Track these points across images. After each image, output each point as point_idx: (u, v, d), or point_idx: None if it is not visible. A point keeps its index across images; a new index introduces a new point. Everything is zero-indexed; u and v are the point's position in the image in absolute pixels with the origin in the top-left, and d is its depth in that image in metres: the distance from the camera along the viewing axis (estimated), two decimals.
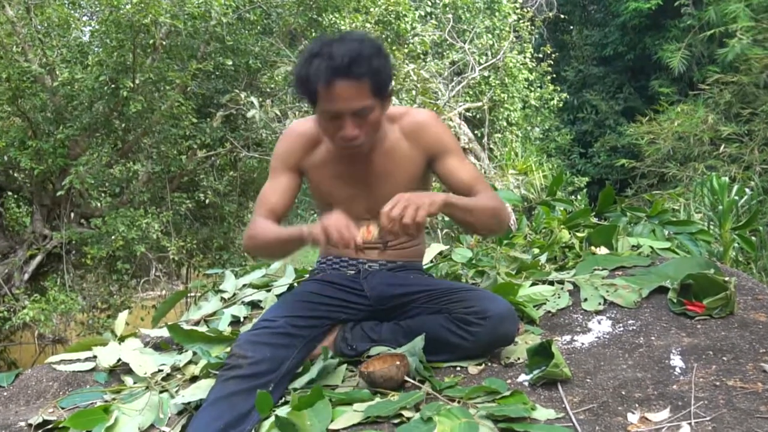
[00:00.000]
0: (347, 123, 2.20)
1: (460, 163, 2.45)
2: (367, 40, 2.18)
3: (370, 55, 2.13)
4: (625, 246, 3.37)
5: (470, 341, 2.26)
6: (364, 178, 2.43)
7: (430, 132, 2.44)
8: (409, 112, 2.49)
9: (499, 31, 11.79)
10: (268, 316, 2.32)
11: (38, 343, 8.70)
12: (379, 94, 2.21)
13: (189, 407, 2.16)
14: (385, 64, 2.19)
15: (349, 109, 2.17)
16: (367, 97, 2.17)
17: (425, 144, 2.44)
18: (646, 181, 11.94)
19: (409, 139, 2.44)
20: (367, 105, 2.18)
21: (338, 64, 2.08)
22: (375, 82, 2.16)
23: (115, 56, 7.55)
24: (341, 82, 2.11)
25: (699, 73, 12.97)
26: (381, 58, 2.17)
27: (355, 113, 2.19)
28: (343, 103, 2.16)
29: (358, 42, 2.14)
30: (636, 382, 1.99)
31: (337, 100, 2.15)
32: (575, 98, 15.65)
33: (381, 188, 2.42)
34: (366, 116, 2.21)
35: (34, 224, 8.53)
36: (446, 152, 2.45)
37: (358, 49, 2.11)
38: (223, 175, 9.92)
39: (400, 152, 2.44)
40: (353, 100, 2.15)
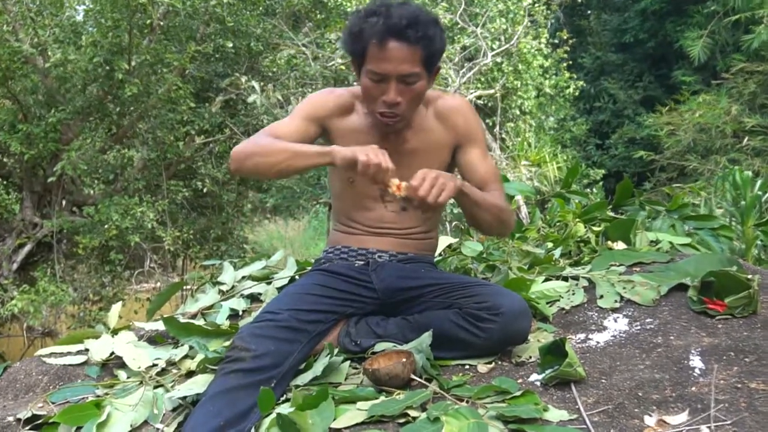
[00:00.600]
0: (392, 87, 2.27)
1: (483, 157, 2.52)
2: (427, 10, 2.27)
3: (427, 23, 2.20)
4: (643, 241, 3.36)
5: (481, 338, 2.25)
6: (393, 155, 2.37)
7: (462, 118, 2.51)
8: (444, 97, 2.55)
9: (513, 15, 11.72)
10: (272, 308, 2.32)
11: (27, 336, 8.72)
12: (429, 65, 2.27)
13: (185, 403, 2.16)
14: (441, 37, 2.27)
15: (397, 71, 2.23)
16: (416, 64, 2.24)
17: (456, 129, 2.50)
18: (665, 174, 11.90)
19: (442, 122, 2.50)
20: (416, 72, 2.25)
21: (395, 23, 2.16)
22: (427, 51, 2.23)
23: (110, 37, 7.55)
24: (395, 43, 2.19)
25: (723, 61, 12.91)
26: (437, 29, 2.25)
27: (402, 78, 2.25)
28: (393, 65, 2.22)
29: (418, 8, 2.22)
30: (653, 384, 1.99)
31: (387, 60, 2.22)
32: (592, 86, 15.59)
33: (408, 167, 2.36)
34: (412, 84, 2.27)
35: (24, 212, 8.54)
36: (473, 142, 2.52)
37: (417, 14, 2.19)
38: (221, 163, 9.92)
39: (431, 134, 2.50)
40: (403, 63, 2.22)
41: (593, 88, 15.61)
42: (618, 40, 15.79)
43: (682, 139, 11.29)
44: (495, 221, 2.42)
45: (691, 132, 11.18)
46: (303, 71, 9.19)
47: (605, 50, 16.16)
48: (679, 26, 13.99)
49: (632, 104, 14.98)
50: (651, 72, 15.48)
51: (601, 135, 15.44)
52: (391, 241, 2.60)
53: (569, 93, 12.90)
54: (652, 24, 14.89)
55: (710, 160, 10.66)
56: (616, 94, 15.16)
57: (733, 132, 10.72)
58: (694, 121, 11.17)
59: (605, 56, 15.99)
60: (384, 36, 2.18)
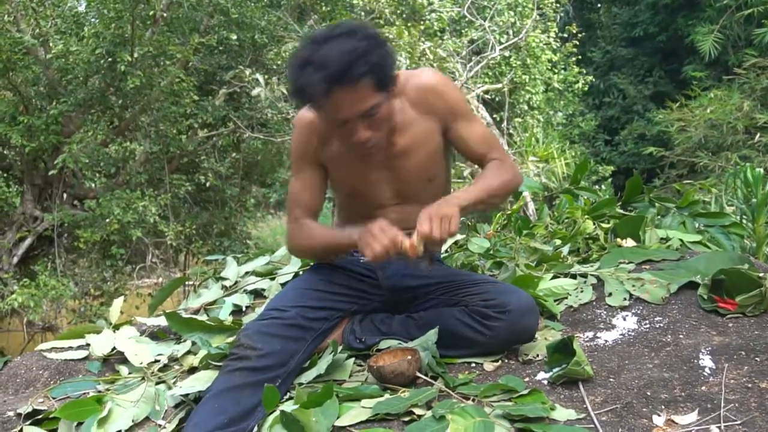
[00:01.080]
0: (357, 128, 2.16)
1: (470, 128, 2.43)
2: (360, 30, 2.11)
3: (366, 51, 2.05)
4: (653, 238, 3.35)
5: (488, 336, 2.25)
6: (384, 161, 2.39)
7: (436, 97, 2.37)
8: (411, 78, 2.39)
9: (521, 8, 11.73)
10: (278, 305, 2.32)
11: (27, 331, 8.74)
12: (385, 88, 2.15)
13: (187, 399, 2.17)
14: (385, 54, 2.12)
15: (355, 114, 2.12)
16: (372, 97, 2.11)
17: (434, 110, 2.38)
18: (675, 171, 11.88)
19: (419, 109, 2.37)
20: (375, 104, 2.13)
21: (334, 72, 2.01)
22: (377, 78, 2.10)
23: (112, 28, 7.56)
24: (341, 90, 2.05)
25: (735, 56, 12.87)
26: (378, 48, 2.10)
27: (364, 116, 2.14)
28: (348, 110, 2.11)
29: (350, 38, 2.07)
30: (662, 383, 1.98)
31: (340, 108, 2.11)
32: (601, 81, 15.57)
33: (403, 168, 2.40)
34: (376, 114, 2.16)
35: (25, 205, 8.56)
36: (455, 117, 2.40)
37: (352, 47, 2.04)
38: (225, 157, 9.95)
39: (415, 127, 2.38)
40: (358, 104, 2.10)
41: (602, 83, 15.58)
42: (628, 34, 15.75)
43: (692, 135, 11.25)
44: (505, 196, 2.45)
45: (702, 128, 11.15)
46: None
47: (615, 44, 16.13)
48: (691, 20, 13.95)
49: (642, 100, 14.95)
50: (661, 67, 15.44)
51: (611, 131, 15.42)
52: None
53: (578, 88, 12.90)
54: (663, 18, 14.85)
55: (721, 157, 10.63)
56: (625, 90, 15.12)
57: (744, 128, 10.69)
58: (706, 117, 11.13)
59: (615, 50, 15.96)
60: (327, 89, 2.04)
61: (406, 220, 2.52)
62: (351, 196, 2.57)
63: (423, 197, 2.44)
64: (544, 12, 11.87)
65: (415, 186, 2.45)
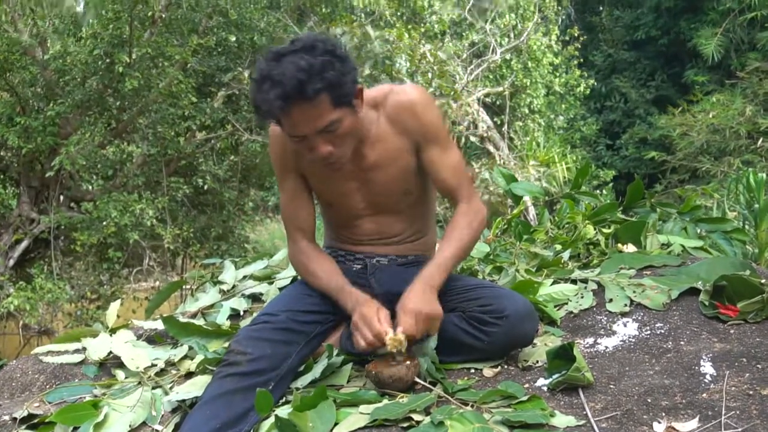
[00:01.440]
0: (317, 143, 2.16)
1: (442, 155, 2.40)
2: (319, 45, 2.10)
3: (323, 67, 2.05)
4: (654, 244, 3.36)
5: (486, 342, 2.25)
6: (357, 173, 2.40)
7: (412, 117, 2.35)
8: (391, 93, 2.38)
9: (522, 11, 11.76)
10: (269, 310, 2.33)
11: (23, 334, 8.74)
12: (344, 103, 2.14)
13: (184, 405, 2.17)
14: (343, 69, 2.11)
15: (313, 130, 2.12)
16: (329, 113, 2.11)
17: (408, 130, 2.36)
18: (676, 176, 11.89)
19: (394, 125, 2.36)
20: (333, 119, 2.12)
21: (289, 89, 2.02)
22: (334, 95, 2.09)
23: (110, 29, 7.58)
24: (297, 107, 2.06)
25: (737, 60, 12.90)
26: (336, 63, 2.09)
27: (322, 131, 2.14)
28: (306, 127, 2.12)
29: (307, 53, 2.06)
30: (663, 390, 1.99)
31: (298, 125, 2.11)
32: (603, 85, 15.59)
33: (374, 181, 2.41)
34: (336, 130, 2.15)
35: (21, 207, 8.57)
36: (428, 141, 2.38)
37: (308, 63, 2.03)
38: (223, 160, 9.95)
39: (388, 143, 2.37)
40: (315, 120, 2.10)
41: (604, 86, 15.59)
42: (630, 38, 15.76)
43: (694, 140, 11.27)
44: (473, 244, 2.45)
45: (704, 133, 11.16)
46: None
47: (617, 48, 16.14)
48: (693, 23, 13.98)
49: (644, 104, 14.96)
50: (664, 70, 15.45)
51: (612, 135, 15.43)
52: (386, 248, 2.58)
53: (579, 92, 12.92)
54: (665, 21, 14.87)
55: (723, 162, 10.64)
56: (627, 93, 15.13)
57: (747, 133, 10.71)
58: (708, 122, 11.15)
59: (617, 54, 15.97)
60: (283, 106, 2.05)
61: (382, 231, 2.54)
62: (329, 205, 2.58)
63: (399, 209, 2.50)
64: (545, 15, 11.90)
65: (389, 198, 2.46)
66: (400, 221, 2.54)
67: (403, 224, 2.55)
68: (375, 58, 8.08)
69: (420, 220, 2.60)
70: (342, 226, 2.60)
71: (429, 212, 2.66)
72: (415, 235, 2.60)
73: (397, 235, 2.56)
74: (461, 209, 2.38)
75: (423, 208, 2.57)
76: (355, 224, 2.54)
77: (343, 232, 2.62)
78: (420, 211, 2.57)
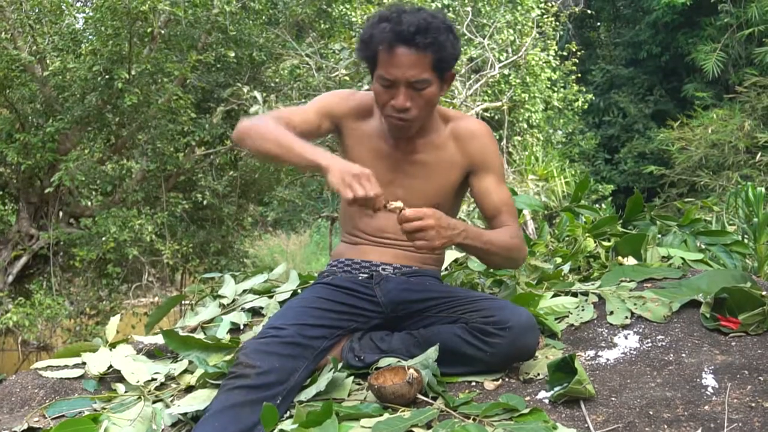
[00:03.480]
0: (401, 92, 2.30)
1: (497, 186, 2.54)
2: (441, 16, 2.29)
3: (438, 29, 2.23)
4: (654, 256, 3.35)
5: (488, 353, 2.25)
6: (402, 164, 2.50)
7: (480, 143, 2.52)
8: (465, 119, 2.58)
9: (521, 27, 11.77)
10: (277, 323, 2.32)
11: (21, 350, 8.73)
12: (439, 70, 2.31)
13: (184, 419, 2.16)
14: (453, 43, 2.30)
15: (405, 77, 2.27)
16: (425, 70, 2.27)
17: (471, 153, 2.52)
18: (675, 190, 11.91)
19: (457, 143, 2.52)
20: (425, 78, 2.28)
21: (403, 30, 2.20)
22: (437, 57, 2.26)
23: (110, 45, 7.58)
24: (403, 49, 2.23)
25: (735, 75, 12.95)
26: (449, 35, 2.27)
27: (411, 84, 2.28)
28: (401, 71, 2.26)
29: (430, 15, 2.25)
30: (665, 402, 1.98)
31: (395, 66, 2.26)
32: (601, 100, 15.64)
33: (416, 178, 2.51)
34: (422, 90, 2.30)
35: (20, 223, 8.56)
36: (488, 169, 2.53)
37: (428, 21, 2.22)
38: (222, 175, 9.94)
39: (444, 151, 2.52)
40: (411, 69, 2.25)
41: (602, 101, 15.64)
42: (628, 53, 15.82)
43: (693, 154, 11.30)
44: (504, 261, 2.50)
45: (702, 147, 11.20)
46: (306, 82, 9.22)
47: (615, 63, 16.19)
48: (691, 39, 14.04)
49: (643, 118, 15.00)
50: (662, 85, 15.51)
51: (611, 150, 15.46)
52: (395, 253, 2.61)
53: (578, 106, 12.93)
54: (663, 36, 14.93)
55: (722, 176, 10.66)
56: (626, 108, 15.17)
57: (746, 148, 10.74)
58: (707, 137, 11.18)
59: (615, 69, 16.03)
60: (392, 42, 2.22)
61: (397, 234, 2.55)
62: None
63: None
64: (543, 30, 11.92)
65: (421, 203, 2.44)
66: None
67: None
68: None
69: None
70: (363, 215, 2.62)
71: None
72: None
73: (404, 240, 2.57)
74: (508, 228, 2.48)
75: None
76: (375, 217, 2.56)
77: (360, 226, 2.65)
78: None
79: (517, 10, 11.95)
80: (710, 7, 13.45)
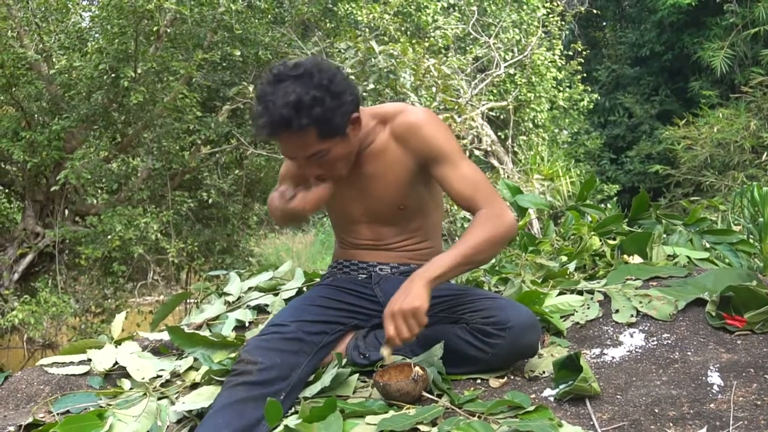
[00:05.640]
0: (307, 166, 2.28)
1: (454, 170, 2.37)
2: (316, 76, 2.15)
3: (313, 103, 2.11)
4: (660, 255, 3.35)
5: (490, 354, 2.24)
6: (356, 181, 2.46)
7: (419, 136, 2.38)
8: (402, 112, 2.44)
9: (526, 26, 11.78)
10: (278, 321, 2.33)
11: (27, 348, 8.75)
12: (331, 136, 2.21)
13: (189, 415, 2.16)
14: (334, 105, 2.16)
15: (302, 155, 2.25)
16: (315, 144, 2.20)
17: (413, 148, 2.40)
18: (680, 189, 11.91)
19: (398, 142, 2.42)
20: (319, 150, 2.22)
21: (276, 120, 2.12)
22: (321, 129, 2.17)
23: (116, 44, 7.60)
24: (284, 135, 2.17)
25: (741, 75, 12.93)
26: (327, 99, 2.14)
27: (310, 158, 2.24)
28: (293, 152, 2.26)
29: (300, 86, 2.12)
30: (670, 400, 1.98)
31: (286, 149, 2.26)
32: (607, 100, 15.62)
33: (371, 191, 2.48)
34: (323, 157, 2.25)
35: (26, 221, 8.58)
36: (438, 159, 2.38)
37: (298, 96, 2.10)
38: (227, 174, 9.96)
39: (389, 155, 2.43)
40: (301, 149, 2.22)
41: (608, 101, 15.63)
42: (634, 53, 15.80)
43: (699, 153, 11.29)
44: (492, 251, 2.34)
45: (708, 147, 11.18)
46: None
47: (620, 62, 16.17)
48: (697, 38, 14.01)
49: (648, 118, 14.99)
50: (667, 85, 15.48)
51: (616, 150, 15.45)
52: (389, 254, 2.61)
53: (583, 106, 12.92)
54: (668, 36, 14.91)
55: (727, 176, 10.65)
56: (631, 108, 15.16)
57: (751, 147, 10.72)
58: (712, 136, 11.16)
59: (621, 69, 16.01)
60: (272, 134, 2.18)
61: (380, 238, 2.57)
62: (329, 207, 2.67)
63: (395, 220, 2.55)
64: (549, 30, 11.91)
65: (386, 210, 2.52)
66: (397, 231, 2.58)
67: (401, 235, 2.60)
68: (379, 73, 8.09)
69: (419, 231, 2.62)
70: (343, 229, 2.68)
71: (430, 226, 2.66)
72: (415, 245, 2.63)
73: (395, 243, 2.60)
74: (479, 214, 2.31)
75: (421, 221, 2.59)
76: (354, 229, 2.61)
77: (345, 236, 2.69)
78: (417, 224, 2.59)
79: (523, 9, 11.96)
80: (716, 7, 13.42)
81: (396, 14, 9.95)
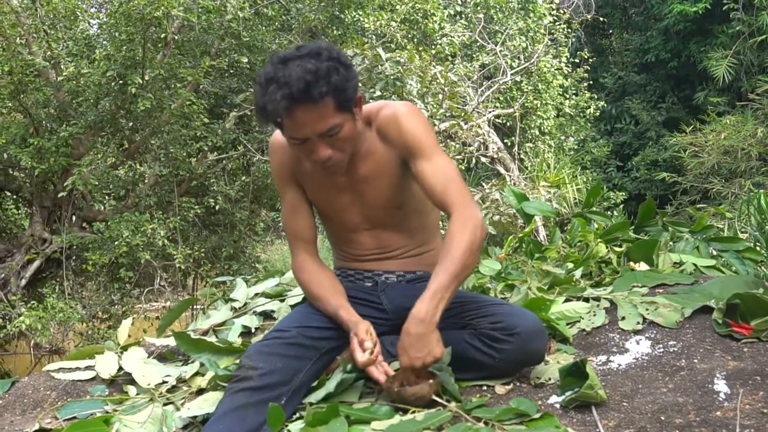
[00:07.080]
0: (318, 146, 2.20)
1: (428, 164, 2.35)
2: (324, 52, 2.14)
3: (328, 71, 2.09)
4: (666, 262, 3.34)
5: (497, 359, 2.24)
6: (351, 186, 2.44)
7: (397, 127, 2.36)
8: (382, 110, 2.41)
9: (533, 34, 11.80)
10: (280, 327, 2.33)
11: (34, 354, 8.76)
12: (346, 108, 2.18)
13: (195, 421, 2.16)
14: (347, 75, 2.16)
15: (315, 132, 2.16)
16: (332, 116, 2.15)
17: (392, 142, 2.38)
18: (687, 197, 11.88)
19: (382, 139, 2.40)
20: (335, 123, 2.17)
21: (295, 91, 2.06)
22: (338, 99, 2.13)
23: (123, 51, 7.62)
24: (302, 108, 2.10)
25: (748, 82, 12.91)
26: (341, 69, 2.14)
27: (324, 134, 2.17)
28: (309, 128, 2.15)
29: (313, 58, 2.11)
30: (677, 407, 1.97)
31: (301, 126, 2.15)
32: (613, 107, 15.61)
33: (367, 194, 2.45)
34: (337, 134, 2.19)
35: (33, 227, 8.60)
36: (414, 152, 2.36)
37: (314, 67, 2.07)
38: (234, 180, 9.97)
39: (377, 153, 2.41)
40: (318, 123, 2.14)
41: (614, 108, 15.61)
42: (640, 60, 15.79)
43: (705, 161, 11.27)
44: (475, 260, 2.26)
45: (715, 154, 11.16)
46: None
47: (627, 70, 16.16)
48: (703, 46, 14.00)
49: (655, 126, 14.96)
50: (674, 93, 15.47)
51: (622, 157, 15.43)
52: (391, 262, 2.60)
53: (590, 113, 12.93)
54: (675, 44, 14.90)
55: (734, 183, 10.63)
56: (638, 115, 15.14)
57: (758, 155, 10.70)
58: (719, 143, 11.14)
59: (627, 76, 16.00)
60: (288, 106, 2.09)
61: (382, 246, 2.56)
62: (328, 220, 2.63)
63: (394, 223, 2.52)
64: (555, 37, 11.93)
65: (383, 212, 2.49)
66: (398, 235, 2.56)
67: (402, 238, 2.58)
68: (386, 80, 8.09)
69: (420, 233, 2.61)
70: (343, 241, 2.64)
71: (429, 225, 2.65)
72: (418, 249, 2.61)
73: (398, 249, 2.58)
74: (452, 221, 2.27)
75: (420, 221, 2.58)
76: (354, 239, 2.58)
77: (346, 249, 2.66)
78: (417, 224, 2.58)
79: (530, 17, 11.98)
80: (722, 15, 13.41)
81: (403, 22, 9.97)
